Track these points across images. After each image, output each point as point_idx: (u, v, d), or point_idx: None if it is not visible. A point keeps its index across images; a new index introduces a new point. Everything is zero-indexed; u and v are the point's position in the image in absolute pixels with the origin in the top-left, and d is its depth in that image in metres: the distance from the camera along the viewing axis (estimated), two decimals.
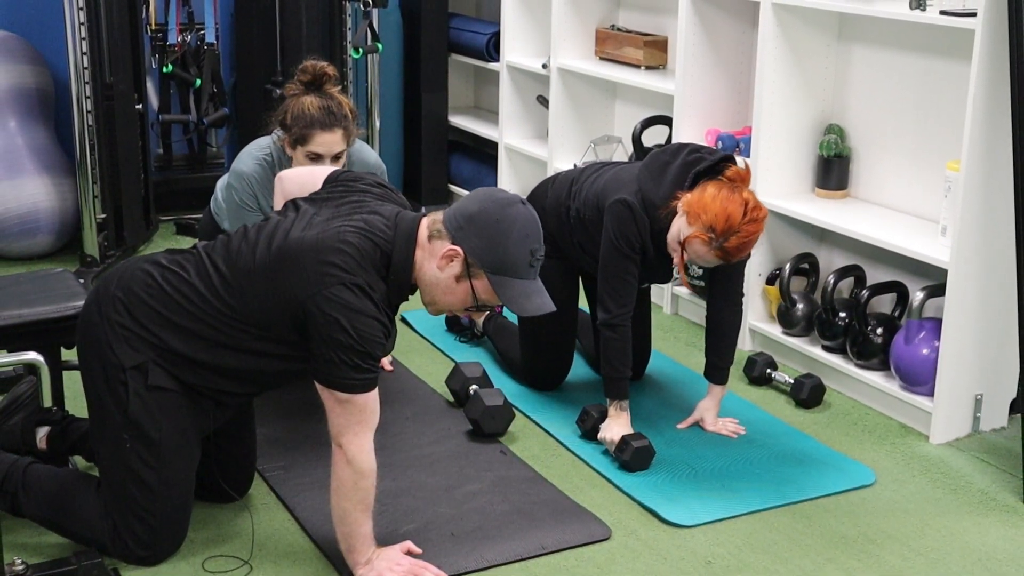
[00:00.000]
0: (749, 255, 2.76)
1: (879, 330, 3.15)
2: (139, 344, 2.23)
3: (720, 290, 2.88)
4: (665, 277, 2.96)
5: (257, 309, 2.20)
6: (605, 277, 2.81)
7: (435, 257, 2.19)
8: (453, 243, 2.17)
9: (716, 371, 2.97)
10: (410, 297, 2.31)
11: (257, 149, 2.98)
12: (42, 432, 2.56)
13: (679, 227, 2.67)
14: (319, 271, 2.11)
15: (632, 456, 2.73)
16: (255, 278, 2.19)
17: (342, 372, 2.11)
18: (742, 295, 2.97)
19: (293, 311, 2.14)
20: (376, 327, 2.12)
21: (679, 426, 2.99)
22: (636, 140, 3.91)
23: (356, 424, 2.16)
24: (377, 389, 2.18)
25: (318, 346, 2.12)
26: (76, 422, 2.59)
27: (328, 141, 2.81)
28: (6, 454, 2.43)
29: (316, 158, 2.84)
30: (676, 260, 2.71)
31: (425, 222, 2.23)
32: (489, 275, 2.18)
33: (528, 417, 3.05)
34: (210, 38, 4.57)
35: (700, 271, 2.82)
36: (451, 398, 3.11)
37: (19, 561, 2.19)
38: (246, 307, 2.20)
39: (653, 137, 3.97)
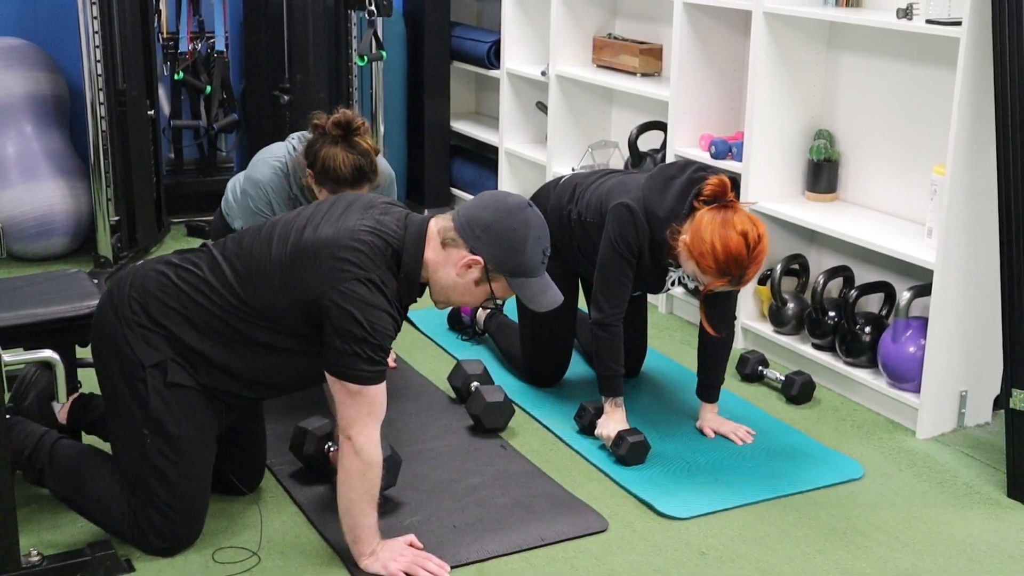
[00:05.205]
0: None
1: (867, 329, 3.18)
2: (157, 342, 2.28)
3: (714, 313, 2.87)
4: (656, 287, 2.97)
5: (271, 302, 2.25)
6: (601, 277, 2.85)
7: (451, 264, 2.26)
8: (472, 252, 2.25)
9: (708, 390, 3.00)
10: (441, 309, 2.39)
11: (272, 158, 3.01)
12: (58, 405, 2.58)
13: (693, 271, 2.68)
14: (334, 267, 2.17)
15: (628, 451, 2.76)
16: (271, 273, 2.25)
17: (356, 364, 2.16)
18: (735, 317, 2.99)
19: (307, 305, 2.20)
20: (388, 321, 2.18)
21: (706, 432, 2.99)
22: (632, 145, 3.96)
23: (366, 416, 2.21)
24: (385, 383, 2.24)
25: (333, 339, 2.17)
26: (97, 399, 2.61)
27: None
28: (33, 426, 2.45)
29: None
30: (702, 289, 2.71)
31: (434, 226, 2.29)
32: (509, 279, 2.28)
33: (528, 413, 3.09)
34: (220, 46, 4.62)
35: (692, 285, 2.87)
36: (453, 394, 3.15)
37: (35, 552, 2.23)
38: (259, 300, 2.26)
39: (649, 142, 4.02)
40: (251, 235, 2.35)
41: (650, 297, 3.63)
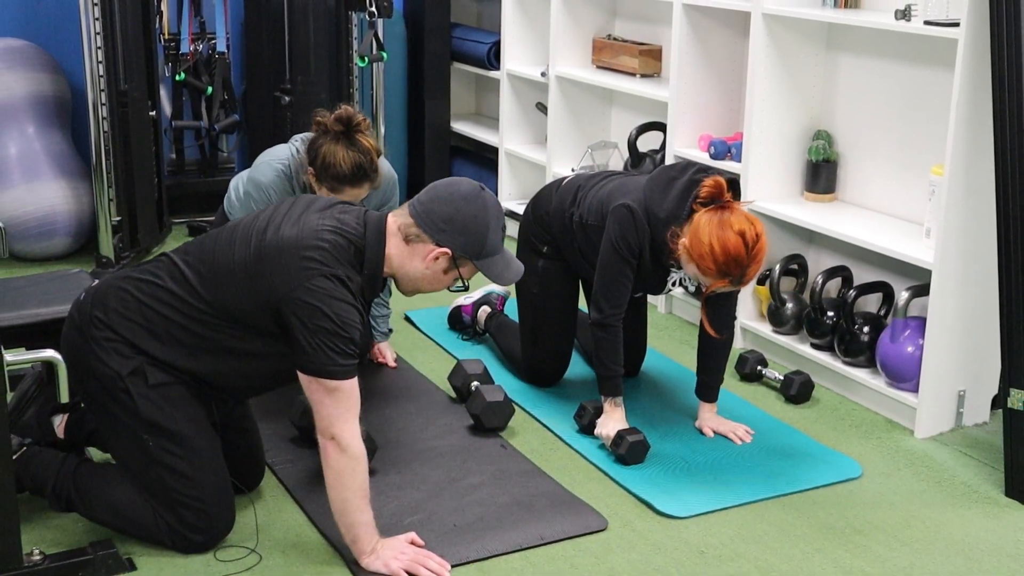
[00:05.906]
0: None
1: (866, 328, 3.19)
2: (128, 351, 2.30)
3: (715, 314, 2.88)
4: (657, 288, 2.98)
5: (236, 304, 2.27)
6: (601, 278, 2.86)
7: (418, 257, 2.32)
8: (438, 245, 2.30)
9: (707, 390, 3.01)
10: (409, 297, 2.42)
11: (275, 160, 3.03)
12: (58, 420, 2.60)
13: (694, 273, 2.70)
14: (300, 266, 2.20)
15: (627, 450, 2.77)
16: (236, 275, 2.27)
17: (329, 359, 2.18)
18: (735, 318, 3.00)
19: (274, 305, 2.22)
20: (354, 313, 2.22)
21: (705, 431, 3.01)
22: (632, 145, 3.97)
23: (345, 411, 2.22)
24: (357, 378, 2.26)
25: (304, 337, 2.19)
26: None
27: (356, 194, 2.90)
28: (50, 456, 2.46)
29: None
30: (704, 291, 2.73)
31: (392, 222, 2.33)
32: (475, 261, 2.34)
33: (527, 412, 3.10)
34: (221, 47, 4.63)
35: (693, 287, 2.88)
36: (453, 394, 3.16)
37: (36, 551, 2.24)
38: (225, 303, 2.28)
39: (648, 143, 4.04)
40: (212, 239, 2.37)
41: (650, 297, 3.65)
